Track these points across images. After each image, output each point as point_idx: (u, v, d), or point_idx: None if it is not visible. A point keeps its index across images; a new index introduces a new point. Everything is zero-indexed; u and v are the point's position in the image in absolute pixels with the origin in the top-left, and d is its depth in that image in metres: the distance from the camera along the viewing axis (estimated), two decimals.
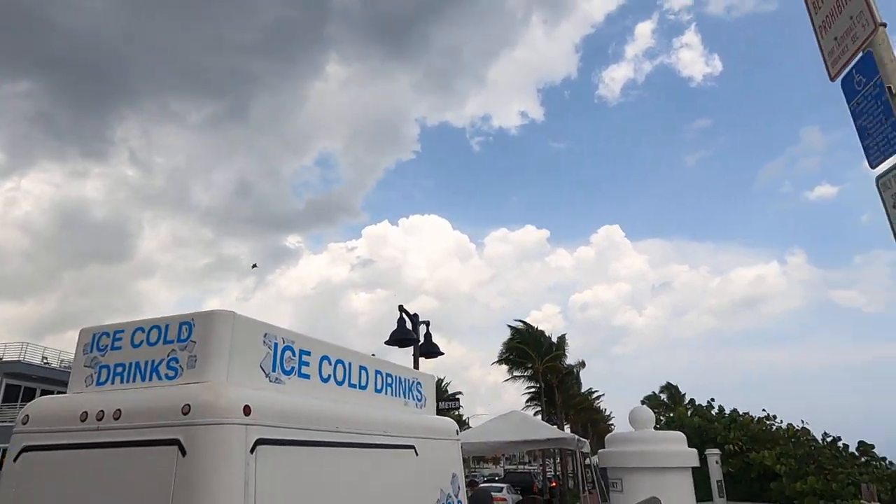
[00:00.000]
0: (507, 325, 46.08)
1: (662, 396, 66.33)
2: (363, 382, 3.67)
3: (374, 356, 4.04)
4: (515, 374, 45.66)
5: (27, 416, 2.75)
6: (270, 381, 2.85)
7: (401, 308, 10.24)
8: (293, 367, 3.04)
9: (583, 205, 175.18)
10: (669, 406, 53.72)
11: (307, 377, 3.14)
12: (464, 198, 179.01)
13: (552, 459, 47.97)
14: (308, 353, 3.18)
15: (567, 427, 48.56)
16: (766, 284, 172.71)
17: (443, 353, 11.13)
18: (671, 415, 25.86)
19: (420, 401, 4.42)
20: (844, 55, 3.78)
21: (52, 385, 31.42)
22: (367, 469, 3.23)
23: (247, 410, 2.42)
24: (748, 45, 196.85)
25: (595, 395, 61.66)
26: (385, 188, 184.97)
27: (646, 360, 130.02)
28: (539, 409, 43.44)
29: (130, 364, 2.77)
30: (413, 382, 4.36)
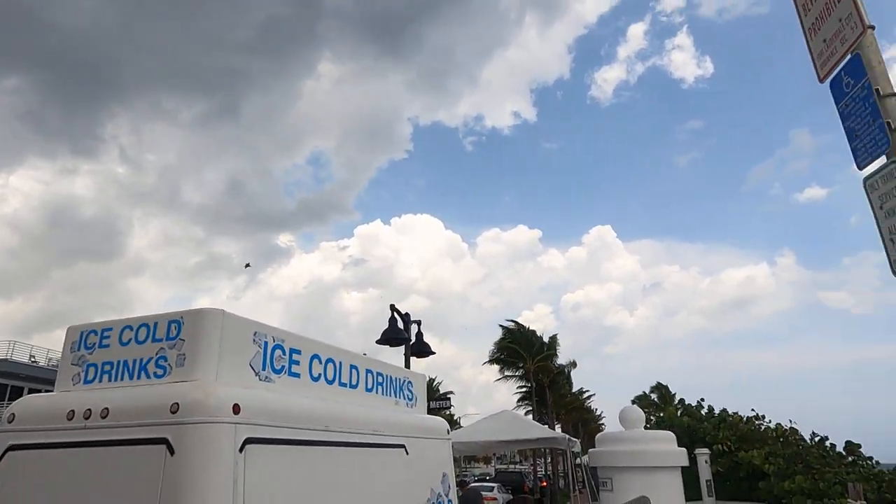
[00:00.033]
0: (499, 325, 46.25)
1: (653, 396, 66.58)
2: (354, 381, 3.65)
3: (366, 355, 4.03)
4: (507, 374, 45.85)
5: (13, 415, 2.72)
6: (260, 380, 2.83)
7: (392, 307, 10.24)
8: (283, 366, 3.02)
9: (575, 205, 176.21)
10: (659, 406, 53.96)
11: (297, 376, 3.12)
12: (456, 197, 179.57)
13: (543, 459, 48.13)
14: (298, 352, 3.16)
15: (558, 426, 48.68)
16: (756, 285, 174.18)
17: (434, 353, 11.15)
18: (661, 414, 26.04)
19: (411, 400, 4.41)
20: (833, 57, 3.81)
21: (40, 384, 31.12)
22: (358, 468, 3.22)
23: (236, 409, 2.40)
24: (739, 48, 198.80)
25: (586, 395, 62.11)
26: (377, 187, 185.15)
27: (636, 360, 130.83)
28: (530, 409, 43.59)
29: (118, 362, 2.74)
30: (404, 382, 4.35)
